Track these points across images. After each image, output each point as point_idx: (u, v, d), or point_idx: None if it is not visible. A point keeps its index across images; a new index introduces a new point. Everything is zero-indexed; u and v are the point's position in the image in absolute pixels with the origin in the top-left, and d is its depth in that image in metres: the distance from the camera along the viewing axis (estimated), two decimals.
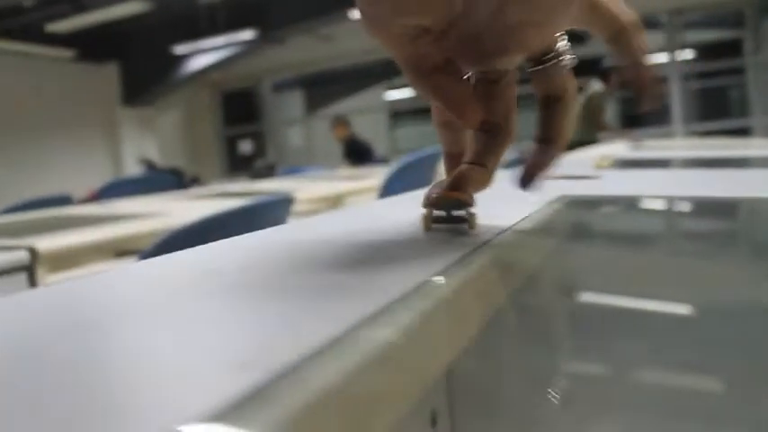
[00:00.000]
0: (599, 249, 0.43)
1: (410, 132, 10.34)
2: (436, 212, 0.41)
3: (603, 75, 5.44)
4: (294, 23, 8.27)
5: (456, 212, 0.40)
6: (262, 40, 8.42)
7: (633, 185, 0.71)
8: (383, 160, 5.96)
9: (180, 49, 8.58)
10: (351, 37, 8.91)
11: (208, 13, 8.16)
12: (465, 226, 0.40)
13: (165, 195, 2.76)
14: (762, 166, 1.10)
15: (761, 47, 7.81)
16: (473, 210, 0.39)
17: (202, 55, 9.03)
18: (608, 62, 5.49)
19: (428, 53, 0.35)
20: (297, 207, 1.77)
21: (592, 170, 0.90)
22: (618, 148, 1.95)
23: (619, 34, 0.38)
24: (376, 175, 3.27)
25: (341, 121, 6.13)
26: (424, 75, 0.36)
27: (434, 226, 0.41)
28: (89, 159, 9.71)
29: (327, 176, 3.79)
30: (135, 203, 2.34)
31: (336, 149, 6.35)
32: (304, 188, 2.51)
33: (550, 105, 0.39)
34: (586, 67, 8.89)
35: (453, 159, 0.42)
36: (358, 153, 5.86)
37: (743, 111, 8.21)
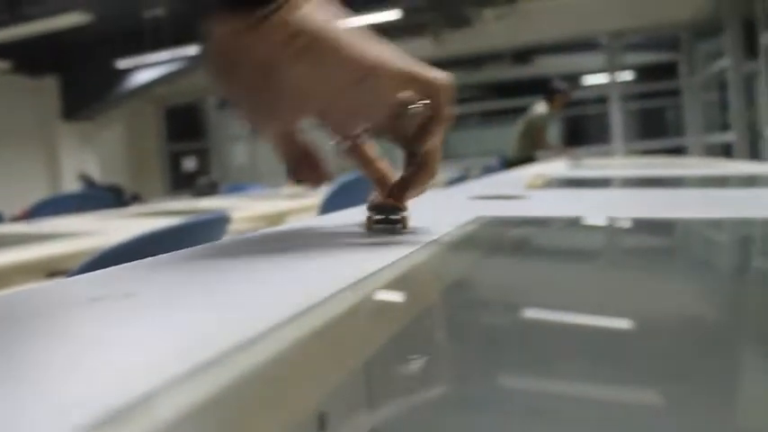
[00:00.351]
0: (507, 267, 0.43)
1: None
2: (377, 216, 0.49)
3: (549, 96, 5.59)
4: None
5: (392, 216, 0.48)
6: None
7: (556, 206, 0.72)
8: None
9: (123, 63, 8.42)
10: None
11: (152, 26, 8.04)
12: (399, 226, 0.48)
13: (103, 213, 2.67)
14: (677, 185, 1.13)
15: (694, 69, 8.10)
16: (405, 214, 0.48)
17: (146, 69, 8.88)
18: (556, 85, 5.66)
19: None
20: (235, 226, 1.74)
21: (522, 190, 0.90)
22: (556, 166, 1.98)
23: (433, 96, 0.44)
24: (319, 194, 3.24)
25: None
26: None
27: (375, 226, 0.49)
28: (25, 176, 9.40)
29: (270, 195, 3.76)
30: (68, 222, 2.26)
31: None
32: (244, 206, 2.47)
33: (417, 138, 0.47)
34: (532, 87, 9.08)
35: (381, 185, 0.52)
36: None
37: (679, 130, 8.49)
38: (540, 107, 5.54)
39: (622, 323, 0.29)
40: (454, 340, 0.27)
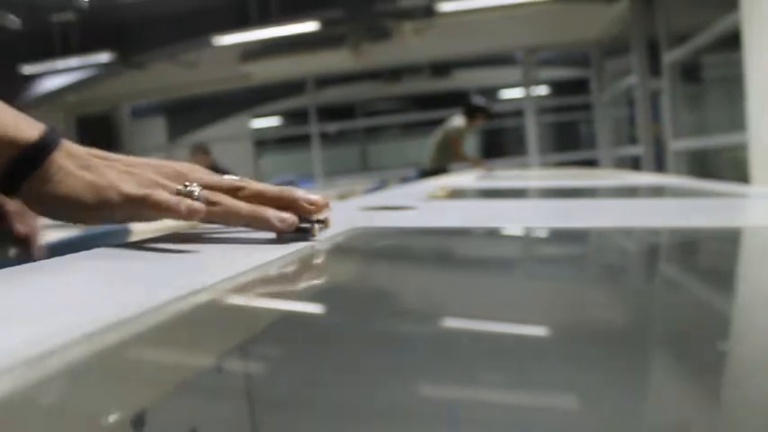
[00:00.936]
0: (359, 275, 0.44)
1: (275, 161, 10.26)
2: None
3: (470, 112, 5.71)
4: (155, 48, 8.02)
5: (302, 224, 0.49)
6: (120, 64, 8.08)
7: (443, 217, 0.71)
8: None
9: (29, 68, 8.06)
10: (215, 64, 8.74)
11: (61, 32, 7.74)
12: (310, 234, 0.49)
13: None
14: (569, 196, 1.15)
15: (604, 86, 8.42)
16: (316, 223, 0.49)
17: (55, 76, 8.52)
18: (477, 101, 5.83)
19: None
20: (137, 238, 1.66)
21: (420, 201, 0.89)
22: (466, 177, 2.00)
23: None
24: None
25: (201, 149, 6.04)
26: None
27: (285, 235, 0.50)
28: None
29: None
30: None
31: None
32: None
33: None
34: (451, 100, 9.21)
35: None
36: None
37: (591, 143, 8.79)
38: (458, 120, 5.65)
39: (458, 325, 0.30)
40: (290, 343, 0.27)
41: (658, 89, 6.29)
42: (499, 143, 9.37)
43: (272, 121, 10.49)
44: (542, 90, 9.00)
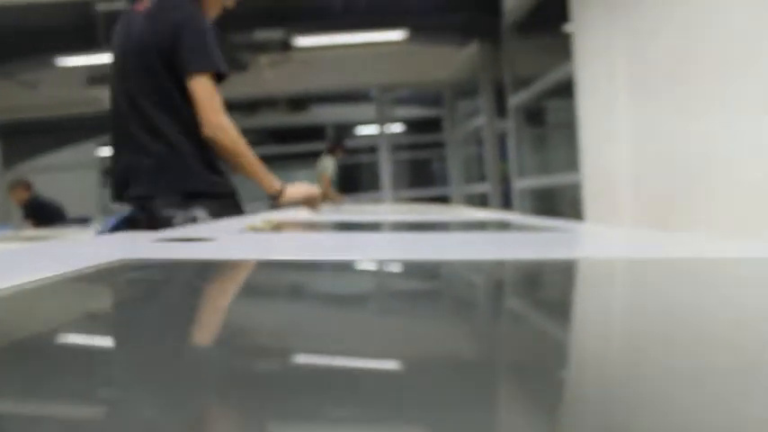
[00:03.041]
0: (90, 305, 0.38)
1: None
2: None
3: (330, 149, 6.35)
4: None
5: None
6: None
7: (238, 249, 0.66)
8: (84, 220, 5.51)
9: None
10: (58, 86, 8.24)
11: None
12: None
13: None
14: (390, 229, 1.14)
15: (456, 125, 8.77)
16: None
17: None
18: (331, 138, 6.28)
19: None
20: None
21: (236, 233, 0.84)
22: (302, 211, 1.95)
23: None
24: (66, 236, 2.98)
25: (21, 184, 5.77)
26: None
27: None
28: None
29: (8, 237, 3.38)
30: None
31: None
32: None
33: None
34: (308, 134, 9.21)
35: None
36: (43, 214, 5.47)
37: (444, 180, 9.10)
38: (327, 161, 6.33)
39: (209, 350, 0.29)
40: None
41: (505, 130, 6.63)
42: (354, 178, 9.47)
43: None
44: (397, 127, 9.23)
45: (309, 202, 2.09)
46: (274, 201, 2.01)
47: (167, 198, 1.82)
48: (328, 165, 6.24)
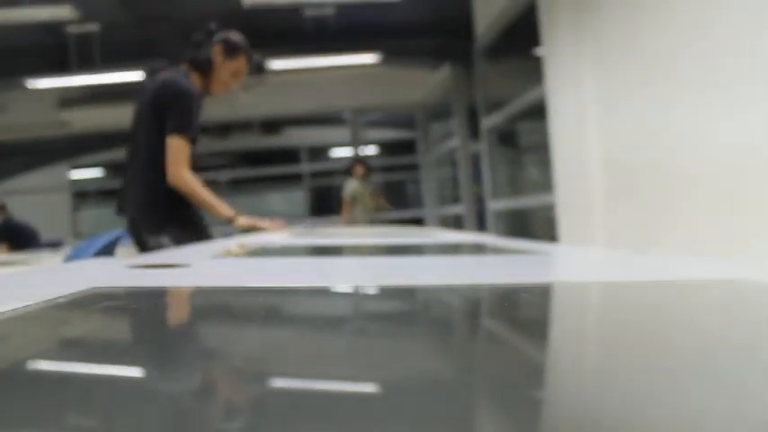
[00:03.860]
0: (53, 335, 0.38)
1: (94, 214, 9.64)
2: None
3: (347, 171, 6.70)
4: None
5: None
6: None
7: (213, 276, 0.66)
8: (55, 244, 5.42)
9: None
10: (29, 108, 8.15)
11: None
12: None
13: None
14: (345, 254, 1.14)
15: (430, 147, 8.82)
16: None
17: None
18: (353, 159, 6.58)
19: None
20: None
21: (208, 258, 0.83)
22: (278, 235, 1.96)
23: None
24: (39, 262, 2.94)
25: None
26: None
27: None
28: None
29: None
30: None
31: None
32: None
33: None
34: (282, 156, 9.20)
35: None
36: (18, 237, 5.35)
37: (418, 202, 9.12)
38: (352, 183, 6.73)
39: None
40: None
41: (478, 151, 6.68)
42: (328, 201, 9.47)
43: (93, 173, 9.89)
44: (371, 150, 9.26)
45: (259, 230, 2.49)
46: (231, 224, 2.49)
47: (147, 222, 2.40)
48: (347, 187, 6.73)
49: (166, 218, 2.37)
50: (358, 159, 7.01)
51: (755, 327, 0.44)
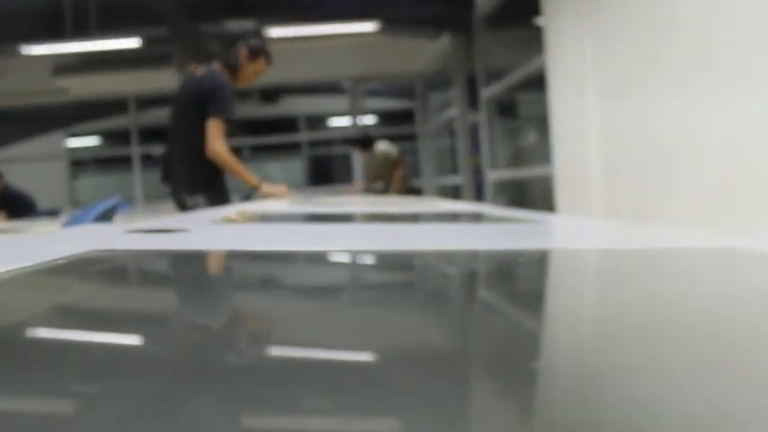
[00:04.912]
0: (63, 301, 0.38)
1: (92, 183, 9.61)
2: None
3: (366, 142, 6.57)
4: None
5: None
6: None
7: (212, 240, 0.66)
8: (53, 212, 5.42)
9: None
10: (25, 75, 8.08)
11: None
12: None
13: None
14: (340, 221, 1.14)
15: (428, 117, 8.77)
16: None
17: None
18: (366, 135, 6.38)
19: None
20: None
21: (206, 224, 0.83)
22: (277, 203, 1.96)
23: None
24: (37, 229, 2.93)
25: None
26: None
27: None
28: None
29: None
30: None
31: None
32: None
33: None
34: (280, 125, 9.15)
35: None
36: (16, 205, 5.32)
37: (416, 172, 9.10)
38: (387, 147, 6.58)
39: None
40: None
41: (477, 122, 6.65)
42: (326, 170, 9.44)
43: (91, 141, 9.85)
44: (370, 119, 9.21)
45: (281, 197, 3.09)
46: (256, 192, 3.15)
47: (187, 186, 3.11)
48: (382, 153, 6.53)
49: (202, 183, 3.07)
50: (368, 133, 6.86)
51: (756, 294, 0.44)
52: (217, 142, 3.02)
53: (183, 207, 3.07)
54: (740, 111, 2.52)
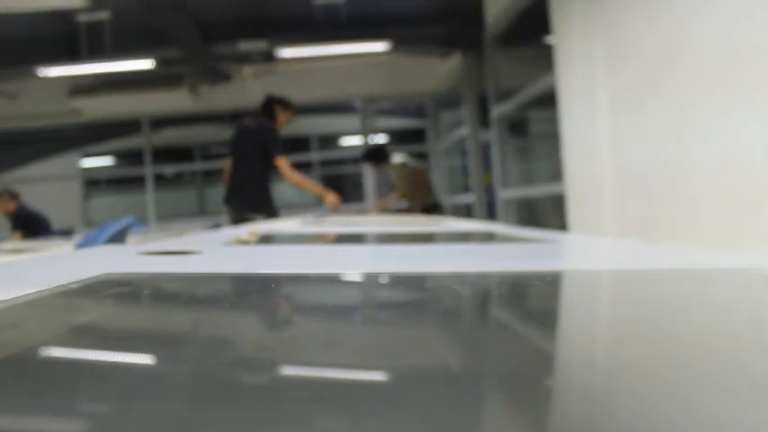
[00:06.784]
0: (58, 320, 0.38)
1: (105, 203, 9.68)
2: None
3: (383, 154, 5.99)
4: None
5: None
6: None
7: (226, 262, 0.66)
8: (67, 232, 5.46)
9: None
10: (41, 97, 8.18)
11: None
12: None
13: None
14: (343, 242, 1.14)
15: (440, 136, 8.79)
16: None
17: None
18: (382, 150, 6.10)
19: None
20: None
21: (219, 246, 0.83)
22: (288, 223, 1.96)
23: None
24: (51, 249, 2.95)
25: (7, 194, 5.63)
26: None
27: None
28: None
29: None
30: None
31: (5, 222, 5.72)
32: None
33: None
34: (292, 145, 9.17)
35: None
36: (31, 225, 5.37)
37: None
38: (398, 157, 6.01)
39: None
40: None
41: (488, 140, 6.65)
42: (338, 189, 9.45)
43: (105, 161, 9.93)
44: (381, 138, 9.24)
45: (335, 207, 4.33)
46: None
47: (250, 205, 4.22)
48: (402, 167, 6.00)
49: (261, 202, 4.25)
50: (380, 145, 6.59)
51: None
52: (292, 173, 4.25)
53: (246, 221, 3.87)
54: (753, 124, 2.51)
